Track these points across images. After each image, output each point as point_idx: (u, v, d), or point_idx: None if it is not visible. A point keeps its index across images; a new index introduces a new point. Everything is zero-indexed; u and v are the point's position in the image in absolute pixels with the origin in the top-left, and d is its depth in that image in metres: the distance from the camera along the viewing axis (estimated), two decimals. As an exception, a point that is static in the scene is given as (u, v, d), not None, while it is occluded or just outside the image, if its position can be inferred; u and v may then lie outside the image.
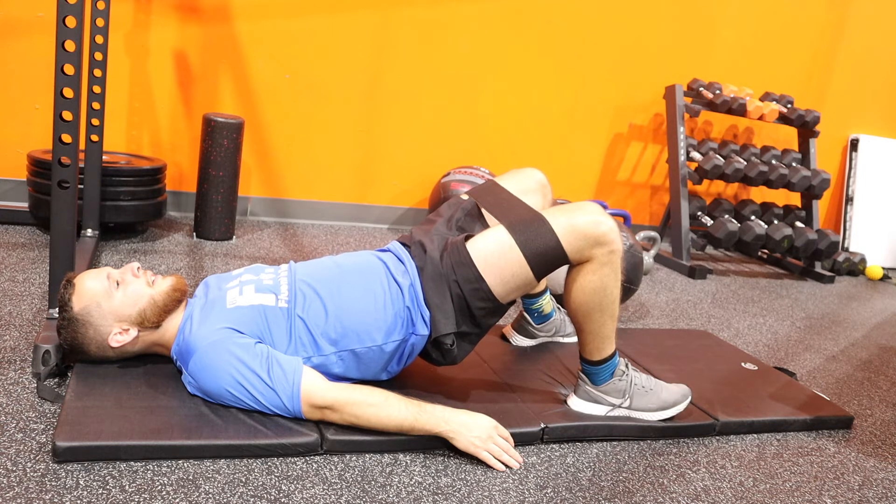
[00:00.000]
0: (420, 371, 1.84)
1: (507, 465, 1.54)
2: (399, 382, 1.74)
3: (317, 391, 1.48)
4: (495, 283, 1.60)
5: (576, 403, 1.78)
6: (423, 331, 1.63)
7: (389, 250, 1.76)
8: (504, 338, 2.20)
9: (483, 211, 1.85)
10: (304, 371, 1.49)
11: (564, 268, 1.67)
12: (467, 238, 1.66)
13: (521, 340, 2.18)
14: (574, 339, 2.17)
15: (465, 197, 1.89)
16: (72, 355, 1.60)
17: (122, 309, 1.55)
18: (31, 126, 2.95)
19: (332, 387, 1.50)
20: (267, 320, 1.55)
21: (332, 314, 1.58)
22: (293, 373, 1.48)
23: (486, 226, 1.81)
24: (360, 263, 1.70)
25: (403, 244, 1.77)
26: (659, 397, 1.79)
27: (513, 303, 1.69)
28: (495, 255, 1.59)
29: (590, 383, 1.76)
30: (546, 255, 1.57)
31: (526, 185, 1.87)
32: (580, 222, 1.56)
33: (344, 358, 1.60)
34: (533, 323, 2.16)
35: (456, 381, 1.84)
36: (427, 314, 1.62)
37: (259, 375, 1.46)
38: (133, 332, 1.56)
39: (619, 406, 1.76)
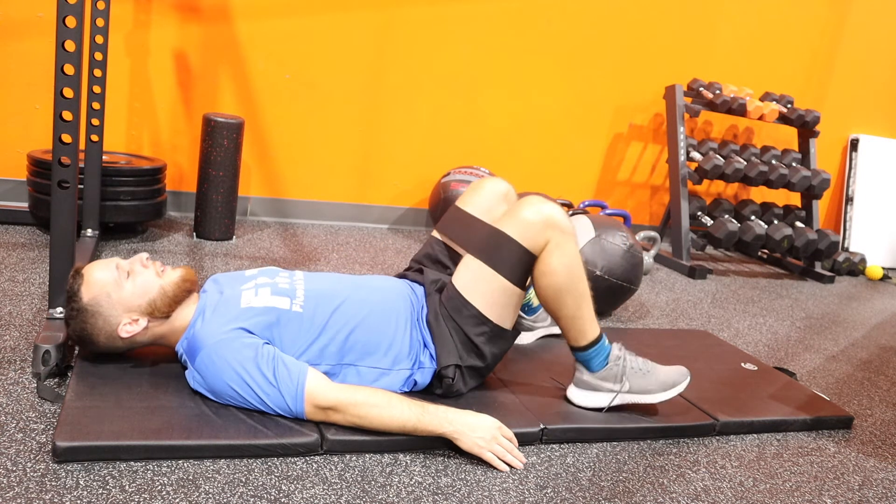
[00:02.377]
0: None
1: (510, 466, 1.54)
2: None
3: (321, 392, 1.48)
4: (485, 307, 1.66)
5: (574, 395, 1.80)
6: (429, 364, 1.68)
7: (409, 286, 1.82)
8: None
9: (453, 245, 1.92)
10: (309, 372, 1.50)
11: None
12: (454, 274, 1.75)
13: (520, 337, 2.18)
14: None
15: (436, 234, 1.97)
16: (81, 346, 1.60)
17: (132, 299, 1.55)
18: (31, 126, 2.95)
19: (337, 387, 1.51)
20: (279, 323, 1.56)
21: (346, 328, 1.61)
22: (298, 374, 1.48)
23: (453, 255, 1.91)
24: (387, 288, 1.75)
25: (413, 279, 1.86)
26: (658, 379, 1.79)
27: (517, 331, 1.76)
28: (474, 280, 1.67)
29: (586, 371, 1.77)
30: (514, 261, 1.64)
31: (488, 202, 1.91)
32: (526, 216, 1.64)
33: (348, 374, 1.62)
34: (525, 316, 2.18)
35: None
36: (433, 349, 1.68)
37: (265, 375, 1.46)
38: (143, 323, 1.56)
39: (620, 392, 1.76)
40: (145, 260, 1.60)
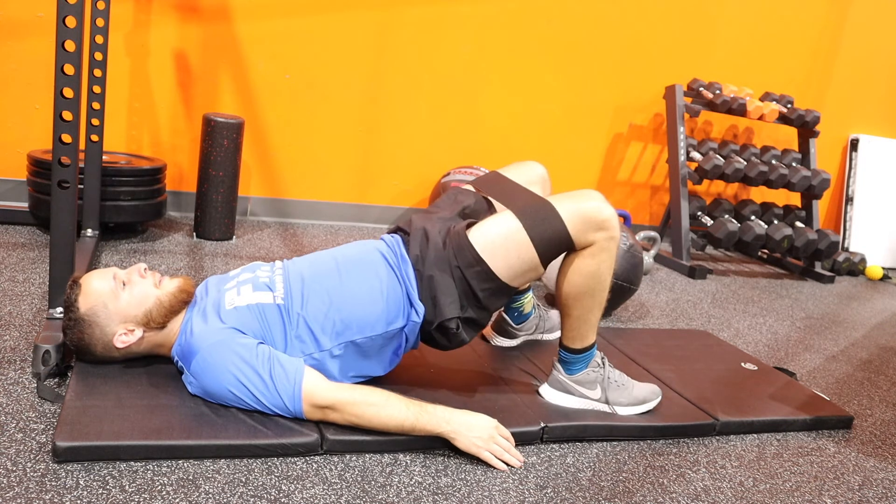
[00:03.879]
0: (420, 370, 1.84)
1: (508, 465, 1.54)
2: (399, 381, 1.74)
3: (318, 391, 1.48)
4: (501, 267, 1.60)
5: (548, 393, 1.81)
6: (416, 318, 1.63)
7: (383, 239, 1.75)
8: (484, 339, 2.18)
9: (491, 199, 1.87)
10: (306, 371, 1.50)
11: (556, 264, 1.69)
12: (470, 225, 1.67)
13: (501, 341, 2.17)
14: (555, 334, 2.18)
15: (468, 188, 1.91)
16: (78, 356, 1.60)
17: (129, 310, 1.55)
18: (31, 126, 2.95)
19: (334, 387, 1.50)
20: (266, 319, 1.56)
21: (331, 307, 1.58)
22: (295, 373, 1.48)
23: (492, 212, 1.83)
24: (357, 255, 1.70)
25: (401, 230, 1.77)
26: (631, 394, 1.81)
27: (519, 289, 1.72)
28: (501, 237, 1.61)
29: (563, 372, 1.78)
30: (552, 240, 1.59)
31: (528, 176, 1.90)
32: (585, 207, 1.60)
33: (345, 350, 1.60)
34: (512, 323, 2.15)
35: (456, 380, 1.84)
36: (420, 305, 1.62)
37: (261, 376, 1.46)
38: (138, 333, 1.56)
39: (593, 399, 1.78)
40: (143, 270, 1.60)
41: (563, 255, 1.67)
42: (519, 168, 1.95)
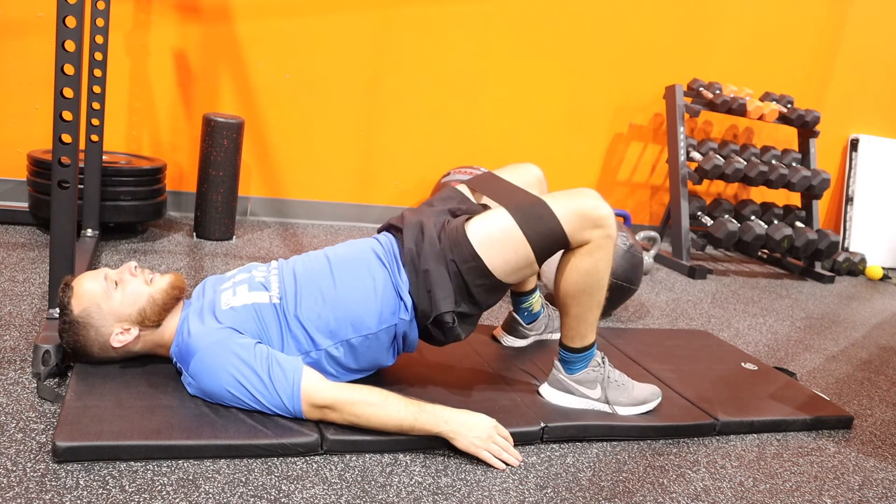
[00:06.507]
0: (419, 369, 1.84)
1: (507, 464, 1.54)
2: (398, 380, 1.74)
3: (317, 391, 1.48)
4: (497, 263, 1.60)
5: (548, 392, 1.81)
6: (405, 315, 1.62)
7: (377, 239, 1.75)
8: (495, 339, 2.19)
9: (484, 198, 1.86)
10: (304, 371, 1.50)
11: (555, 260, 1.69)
12: (468, 219, 1.67)
13: (511, 341, 2.17)
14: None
15: (463, 187, 1.91)
16: (76, 358, 1.60)
17: (122, 309, 1.55)
18: (31, 126, 2.95)
19: (333, 386, 1.50)
20: (263, 318, 1.56)
21: (324, 306, 1.59)
22: (293, 372, 1.48)
23: (485, 209, 1.82)
24: (351, 254, 1.70)
25: (392, 227, 1.76)
26: (631, 394, 1.80)
27: (512, 284, 1.70)
28: (497, 233, 1.61)
29: (563, 372, 1.78)
30: (547, 237, 1.59)
31: (524, 178, 1.89)
32: (581, 205, 1.60)
33: (341, 350, 1.60)
34: (523, 322, 2.16)
35: (456, 380, 1.84)
36: (409, 301, 1.62)
37: (259, 375, 1.46)
38: (134, 332, 1.56)
39: (593, 398, 1.78)
40: (134, 269, 1.60)
41: (560, 254, 1.68)
42: (515, 170, 1.94)
